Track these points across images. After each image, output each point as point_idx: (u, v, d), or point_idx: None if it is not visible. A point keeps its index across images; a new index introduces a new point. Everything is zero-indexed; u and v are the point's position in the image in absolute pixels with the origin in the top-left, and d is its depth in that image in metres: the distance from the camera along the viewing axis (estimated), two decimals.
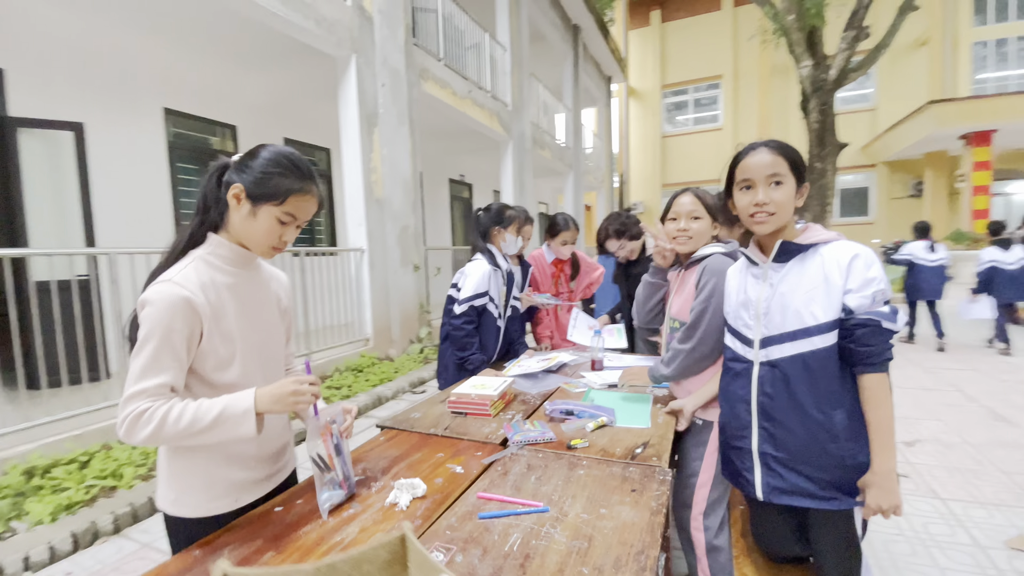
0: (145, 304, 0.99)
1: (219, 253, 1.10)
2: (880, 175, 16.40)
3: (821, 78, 10.45)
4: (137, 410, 0.95)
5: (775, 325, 1.25)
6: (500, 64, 8.52)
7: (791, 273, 1.24)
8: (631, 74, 18.42)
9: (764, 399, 1.27)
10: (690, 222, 1.67)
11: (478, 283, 2.30)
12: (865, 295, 1.14)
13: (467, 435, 1.52)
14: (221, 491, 1.11)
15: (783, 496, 1.26)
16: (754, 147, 1.26)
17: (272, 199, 1.06)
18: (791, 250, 1.24)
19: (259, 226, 1.07)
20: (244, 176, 1.06)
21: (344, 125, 5.38)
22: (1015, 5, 15.26)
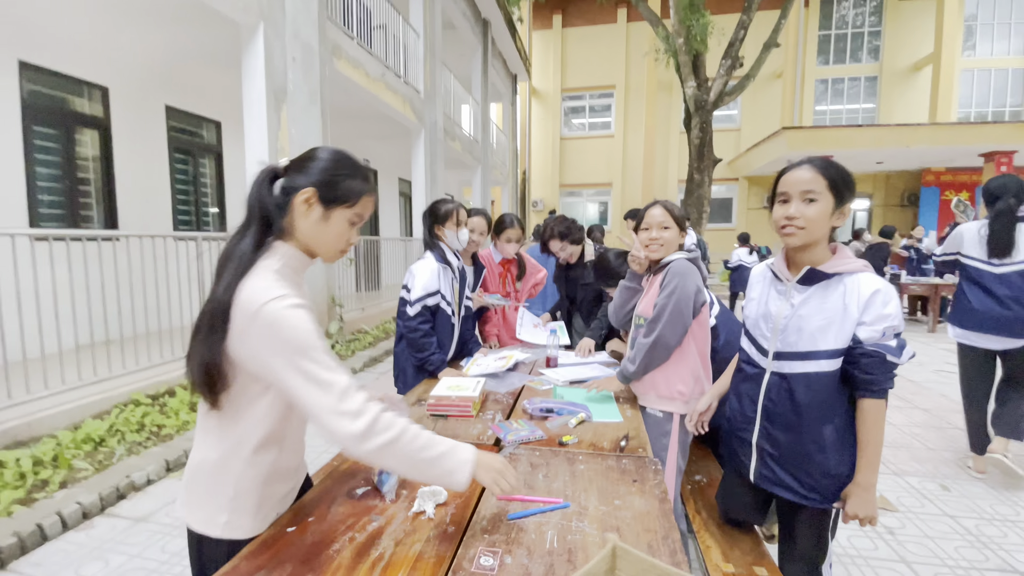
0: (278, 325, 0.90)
1: (291, 264, 1.03)
2: (741, 188, 18.71)
3: (703, 98, 11.65)
4: (376, 411, 0.91)
5: (789, 343, 1.33)
6: (413, 50, 8.27)
7: (813, 298, 1.30)
8: (534, 75, 18.90)
9: (769, 403, 1.39)
10: (660, 231, 1.83)
11: (427, 282, 2.25)
12: (876, 328, 1.22)
13: (457, 438, 1.51)
14: (268, 508, 1.06)
15: (770, 485, 1.42)
16: (800, 163, 1.29)
17: (344, 201, 1.04)
18: (816, 277, 1.30)
19: (332, 229, 1.04)
20: (311, 179, 1.01)
21: (248, 99, 4.88)
22: (848, 51, 18.29)
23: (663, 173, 18.91)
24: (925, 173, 16.70)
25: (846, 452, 1.31)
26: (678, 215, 1.85)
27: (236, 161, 6.63)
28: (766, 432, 1.41)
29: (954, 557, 2.20)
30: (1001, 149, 13.77)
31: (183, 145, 6.09)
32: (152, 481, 2.79)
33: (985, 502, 2.67)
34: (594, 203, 19.86)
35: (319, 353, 0.91)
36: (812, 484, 1.35)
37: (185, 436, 3.19)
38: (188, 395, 3.67)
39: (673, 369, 1.84)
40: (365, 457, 0.92)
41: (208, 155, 6.53)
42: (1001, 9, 17.35)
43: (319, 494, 1.19)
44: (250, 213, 1.02)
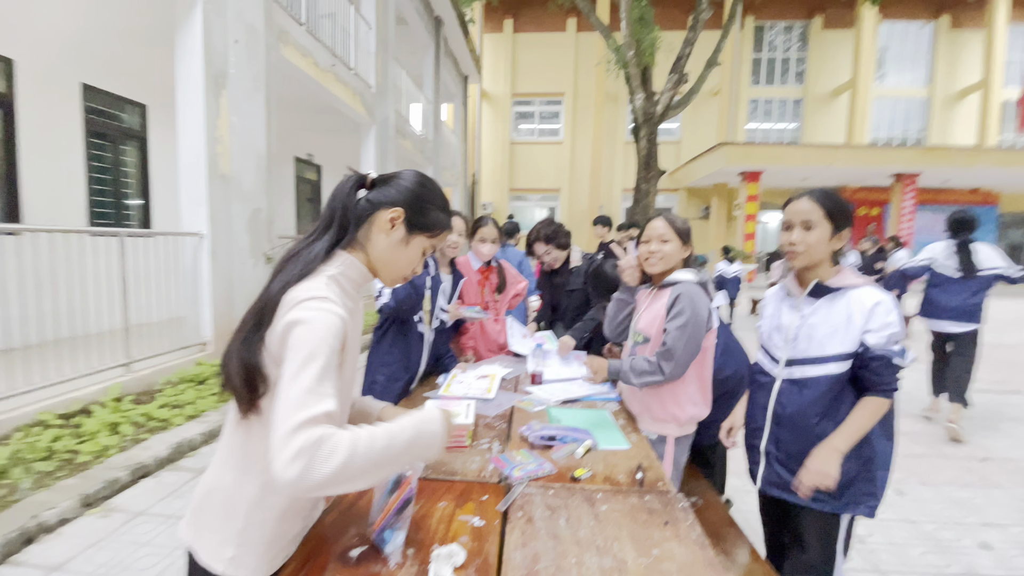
0: (302, 323, 0.83)
1: (350, 276, 0.97)
2: (681, 198, 19.53)
3: (651, 111, 11.98)
4: (311, 438, 0.74)
5: (800, 350, 1.45)
6: (364, 42, 7.90)
7: (821, 309, 1.43)
8: (484, 78, 18.78)
9: (779, 407, 1.49)
10: (660, 244, 1.75)
11: None
12: (882, 335, 1.34)
13: (457, 474, 1.35)
14: (280, 547, 0.98)
15: (773, 488, 1.50)
16: (801, 195, 1.44)
17: (429, 230, 1.02)
18: (823, 291, 1.44)
19: (407, 255, 1.02)
20: (402, 199, 0.99)
21: (182, 81, 4.41)
22: (777, 74, 19.56)
23: (609, 181, 19.37)
24: (842, 190, 18.12)
25: (851, 452, 1.38)
26: (680, 228, 1.78)
27: (164, 148, 6.01)
28: (774, 437, 1.50)
29: (921, 564, 2.28)
30: (908, 171, 15.21)
31: (102, 129, 5.45)
32: (66, 520, 2.38)
33: (936, 505, 2.80)
34: (542, 208, 20.00)
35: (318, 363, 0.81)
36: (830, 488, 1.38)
37: (106, 464, 2.77)
38: (108, 414, 3.21)
39: (669, 393, 1.77)
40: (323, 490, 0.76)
41: (131, 141, 5.89)
42: (909, 42, 19.20)
43: (303, 560, 0.99)
44: (330, 217, 0.97)
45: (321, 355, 0.81)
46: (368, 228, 0.98)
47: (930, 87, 19.16)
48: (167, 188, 6.02)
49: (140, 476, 2.79)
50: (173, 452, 3.00)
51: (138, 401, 3.57)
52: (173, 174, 4.78)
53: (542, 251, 2.72)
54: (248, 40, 4.84)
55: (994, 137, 17.65)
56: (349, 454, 0.76)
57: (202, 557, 0.94)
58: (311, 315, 0.84)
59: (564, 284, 2.81)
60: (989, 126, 17.63)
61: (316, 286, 0.89)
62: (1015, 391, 5.06)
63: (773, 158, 14.78)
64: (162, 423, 3.28)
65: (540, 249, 2.72)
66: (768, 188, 17.52)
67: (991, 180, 16.31)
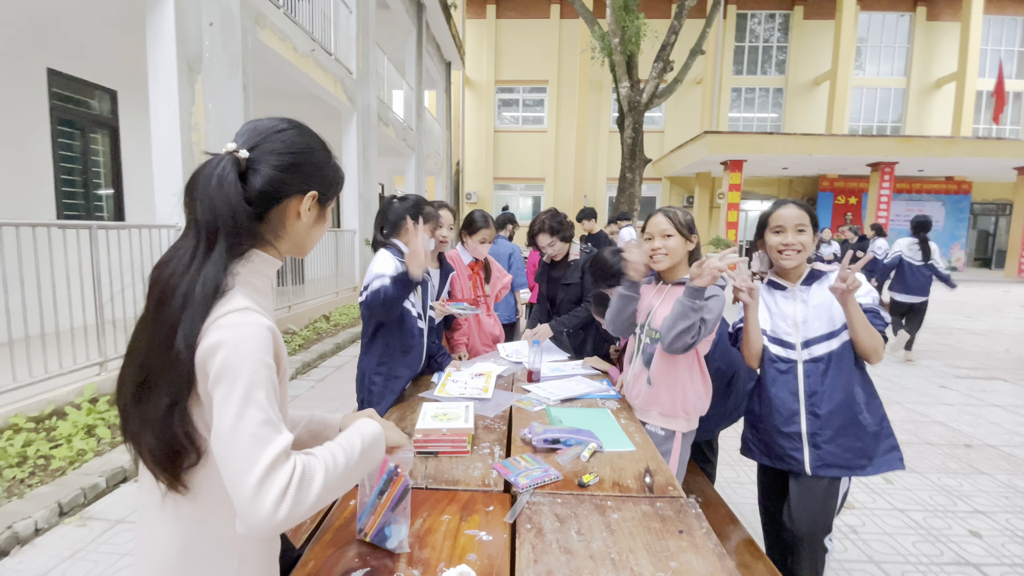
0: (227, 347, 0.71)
1: (260, 269, 0.84)
2: (664, 187, 19.59)
3: (636, 99, 11.92)
4: (296, 472, 0.71)
5: (813, 330, 1.62)
6: (344, 27, 7.66)
7: (816, 292, 1.64)
8: (467, 64, 18.48)
9: (809, 388, 1.60)
10: (664, 240, 1.71)
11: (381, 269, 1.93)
12: (867, 298, 1.60)
13: (459, 483, 1.29)
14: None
15: (829, 469, 1.57)
16: (784, 203, 1.66)
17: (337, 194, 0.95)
18: (815, 276, 1.66)
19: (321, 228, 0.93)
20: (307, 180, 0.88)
21: (154, 66, 4.20)
22: (759, 63, 19.64)
23: (593, 170, 19.31)
24: (822, 179, 18.38)
25: (874, 410, 1.60)
26: (682, 221, 1.73)
27: (136, 136, 5.76)
28: (813, 417, 1.59)
29: (915, 553, 2.30)
30: (885, 160, 15.45)
31: (70, 116, 5.18)
32: (41, 530, 2.27)
33: (924, 493, 2.85)
34: (527, 197, 19.88)
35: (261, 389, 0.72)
36: (861, 448, 1.57)
37: (83, 470, 2.65)
38: (83, 416, 3.08)
39: (680, 385, 1.74)
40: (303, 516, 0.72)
41: (101, 129, 5.62)
42: (887, 33, 19.43)
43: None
44: (209, 227, 0.77)
45: (260, 380, 0.73)
46: (277, 221, 0.85)
47: (907, 77, 19.44)
48: (141, 178, 5.78)
49: (119, 481, 2.67)
50: None
51: (114, 402, 3.42)
52: (147, 163, 4.58)
53: (546, 243, 2.66)
54: (223, 23, 4.64)
55: (968, 127, 18.01)
56: (324, 476, 0.74)
57: None
58: (233, 335, 0.73)
59: (562, 278, 2.75)
60: (964, 116, 17.97)
61: (229, 298, 0.76)
62: (992, 377, 5.19)
63: (755, 147, 14.87)
64: None
65: (544, 240, 2.66)
66: (750, 177, 17.68)
67: (964, 169, 16.68)
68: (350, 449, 0.82)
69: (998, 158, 14.76)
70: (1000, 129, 18.98)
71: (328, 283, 7.39)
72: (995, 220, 19.38)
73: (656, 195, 19.66)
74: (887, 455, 1.60)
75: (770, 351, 1.68)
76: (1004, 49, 18.99)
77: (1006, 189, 18.32)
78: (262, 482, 0.68)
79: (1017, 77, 19.10)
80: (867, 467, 1.58)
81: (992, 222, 19.44)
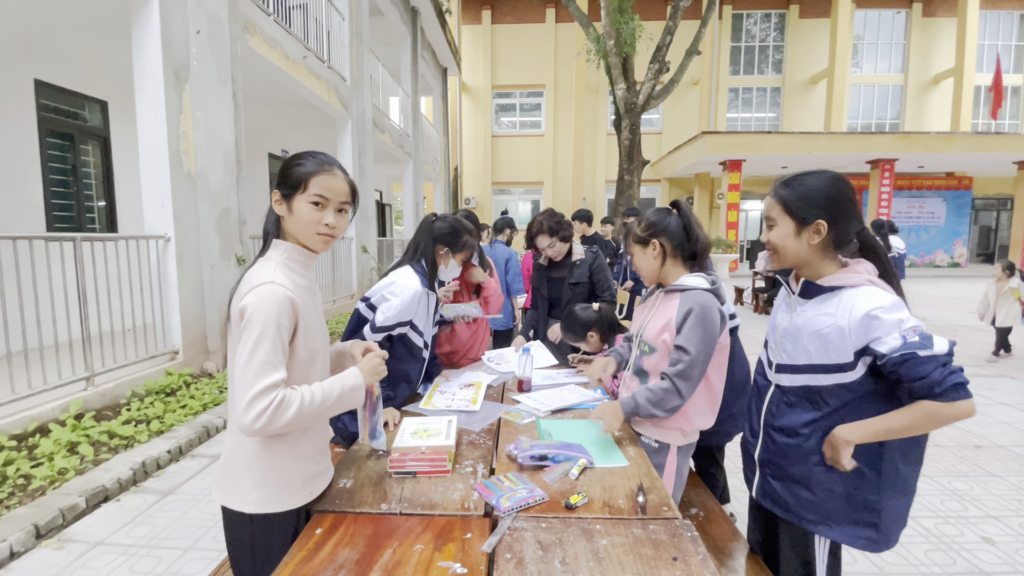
0: (253, 306, 1.06)
1: (294, 257, 1.19)
2: (663, 188, 19.51)
3: (632, 101, 11.86)
4: (276, 400, 1.03)
5: (787, 355, 1.32)
6: (337, 33, 7.62)
7: (810, 311, 1.27)
8: (464, 70, 18.47)
9: (769, 416, 1.38)
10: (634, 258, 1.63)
11: (403, 309, 1.81)
12: (894, 336, 1.11)
13: (436, 508, 1.20)
14: (298, 485, 1.18)
15: (767, 500, 1.40)
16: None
17: (296, 188, 1.15)
18: (812, 290, 1.27)
19: (299, 217, 1.16)
20: (278, 183, 1.18)
21: (140, 75, 4.15)
22: (756, 63, 19.60)
23: (592, 173, 19.25)
24: None
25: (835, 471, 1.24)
26: (638, 233, 1.65)
27: (128, 147, 5.71)
28: (766, 445, 1.39)
29: (927, 563, 2.20)
30: (885, 157, 15.36)
31: (60, 128, 5.13)
32: (17, 554, 2.18)
33: (935, 498, 2.74)
34: (526, 201, 19.82)
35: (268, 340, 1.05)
36: (814, 504, 1.28)
37: (63, 490, 2.57)
38: (67, 433, 3.00)
39: None
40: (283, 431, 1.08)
41: (92, 140, 5.57)
42: (883, 30, 19.38)
43: None
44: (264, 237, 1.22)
45: (270, 332, 1.05)
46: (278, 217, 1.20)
47: (904, 74, 19.37)
48: (133, 189, 5.72)
49: (100, 501, 2.59)
50: (137, 473, 2.80)
51: (101, 417, 3.35)
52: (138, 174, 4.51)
53: (546, 244, 2.59)
54: (211, 31, 4.58)
55: (967, 122, 17.91)
56: (298, 408, 1.06)
57: (233, 506, 1.14)
58: (257, 299, 1.06)
59: (566, 278, 2.68)
60: (962, 112, 17.87)
61: (262, 272, 1.11)
62: (1000, 375, 5.08)
63: (753, 147, 14.80)
64: (125, 441, 3.07)
65: (544, 242, 2.59)
66: (749, 176, 17.59)
67: (965, 165, 16.56)
68: (329, 392, 1.12)
69: (998, 153, 14.65)
70: (999, 124, 18.87)
71: (325, 292, 7.32)
72: (996, 215, 19.24)
73: (656, 196, 19.59)
74: (838, 522, 1.26)
75: (760, 358, 1.49)
76: (1001, 44, 18.92)
77: (1007, 184, 18.20)
78: (251, 402, 1.01)
79: (1015, 71, 19.01)
80: (819, 526, 1.28)
81: (993, 217, 19.30)
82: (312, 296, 1.21)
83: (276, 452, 1.14)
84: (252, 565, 1.16)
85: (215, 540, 2.31)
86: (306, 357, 1.15)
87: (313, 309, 1.19)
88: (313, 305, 1.20)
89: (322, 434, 1.26)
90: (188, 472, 2.95)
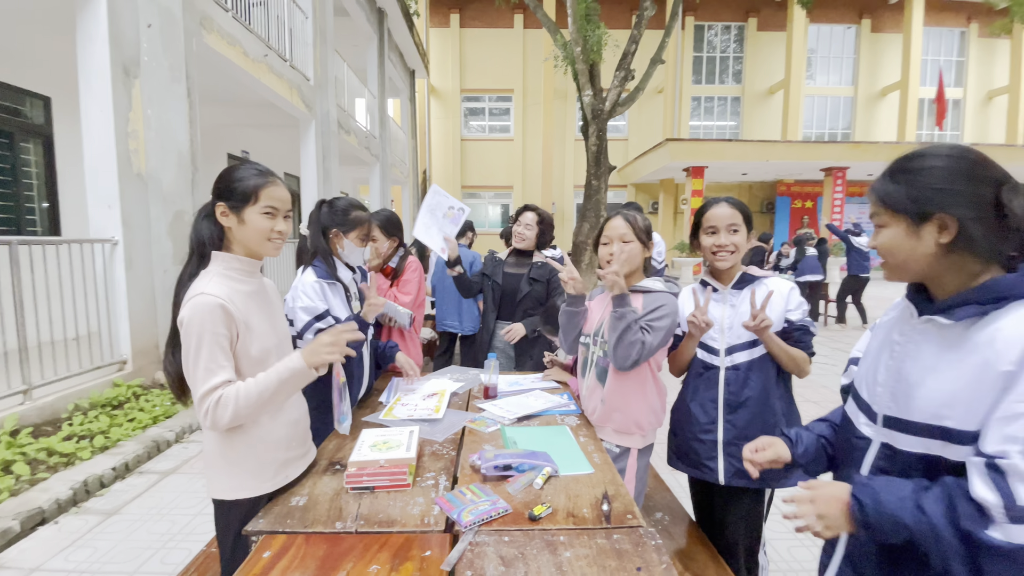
0: (187, 318, 1.15)
1: (234, 267, 1.26)
2: (630, 194, 19.85)
3: (599, 107, 12.00)
4: (212, 400, 1.13)
5: (737, 336, 1.55)
6: (300, 32, 7.44)
7: (745, 298, 1.55)
8: (432, 73, 18.35)
9: (730, 396, 1.55)
10: (623, 245, 1.62)
11: (309, 302, 1.79)
12: (798, 312, 1.55)
13: (395, 524, 1.15)
14: (271, 472, 1.28)
15: (742, 479, 1.52)
16: (717, 201, 1.57)
17: (246, 200, 1.23)
18: (748, 280, 1.58)
19: (251, 227, 1.24)
20: (222, 196, 1.24)
21: (86, 70, 3.94)
22: (717, 73, 20.20)
23: (561, 177, 19.41)
24: (779, 184, 18.98)
25: (793, 418, 1.57)
26: (641, 226, 1.66)
27: (73, 146, 5.40)
28: (730, 427, 1.54)
29: None
30: (838, 165, 16.05)
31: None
32: None
33: None
34: (496, 205, 19.80)
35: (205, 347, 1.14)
36: None
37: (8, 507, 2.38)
38: (2, 451, 2.78)
39: (633, 401, 1.66)
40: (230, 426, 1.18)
41: (34, 138, 5.25)
42: (835, 44, 20.30)
43: None
44: (191, 249, 1.27)
45: (206, 340, 1.14)
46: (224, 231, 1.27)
47: (855, 86, 20.32)
48: (79, 190, 5.41)
49: (36, 524, 2.41)
50: (78, 492, 2.62)
51: (39, 433, 3.13)
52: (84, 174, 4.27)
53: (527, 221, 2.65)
54: (163, 25, 4.39)
55: (912, 133, 18.91)
56: (235, 403, 1.14)
57: (215, 495, 1.26)
58: (189, 312, 1.15)
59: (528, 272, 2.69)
60: (908, 123, 18.86)
61: (196, 285, 1.20)
62: None
63: (715, 154, 15.22)
64: (66, 459, 2.87)
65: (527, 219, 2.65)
66: (711, 183, 18.09)
67: None
68: (267, 380, 1.18)
69: None
70: (942, 135, 19.99)
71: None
72: None
73: (622, 201, 19.88)
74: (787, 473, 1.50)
75: (695, 356, 1.62)
76: (943, 59, 20.08)
77: None
78: (198, 402, 1.15)
79: (956, 85, 20.19)
80: (784, 480, 1.51)
81: None
82: (259, 299, 1.29)
83: (242, 442, 1.24)
84: (237, 552, 1.24)
85: (163, 563, 2.18)
86: (256, 355, 1.23)
87: (259, 311, 1.27)
88: (259, 307, 1.28)
89: (296, 421, 1.35)
90: (135, 490, 2.78)
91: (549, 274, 2.68)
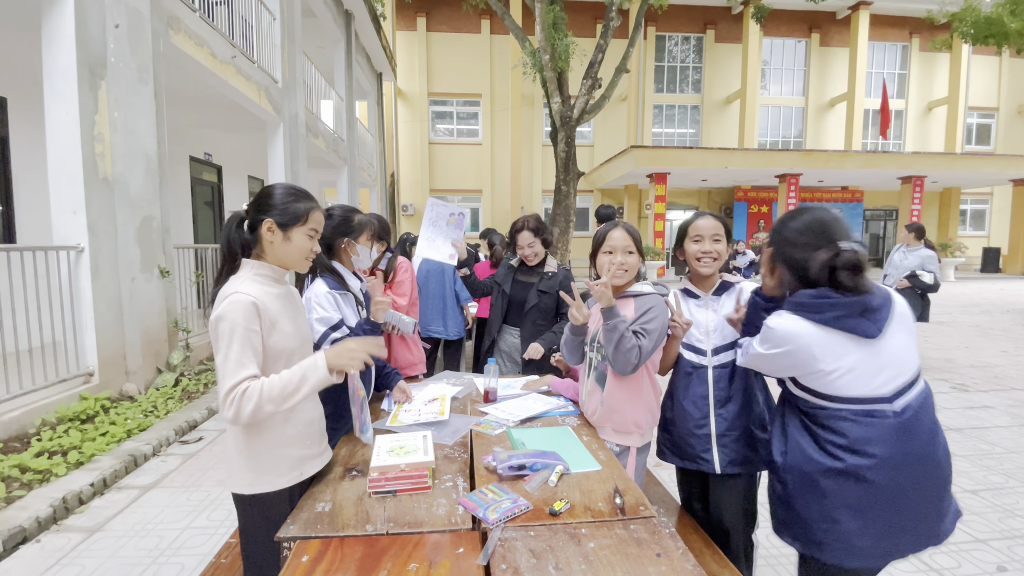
0: (222, 314, 1.22)
1: (263, 272, 1.35)
2: (596, 199, 20.22)
3: (567, 114, 12.24)
4: (239, 392, 1.19)
5: (721, 337, 1.71)
6: (268, 34, 7.30)
7: (725, 303, 1.73)
8: (399, 76, 18.20)
9: (719, 392, 1.69)
10: (626, 256, 1.72)
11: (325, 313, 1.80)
12: None
13: (423, 525, 1.21)
14: (286, 467, 1.35)
15: (736, 467, 1.67)
16: (703, 214, 1.76)
17: (297, 221, 1.34)
18: (725, 287, 1.76)
19: (295, 245, 1.36)
20: (268, 212, 1.33)
21: (50, 71, 3.78)
22: (677, 82, 20.87)
23: (529, 182, 19.59)
24: (737, 190, 19.77)
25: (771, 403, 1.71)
26: (639, 238, 1.78)
27: (30, 149, 5.15)
28: (721, 420, 1.68)
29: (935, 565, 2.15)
30: (791, 172, 16.86)
31: None
32: None
33: None
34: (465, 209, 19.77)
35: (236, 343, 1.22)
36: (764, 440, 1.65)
37: None
38: None
39: (631, 403, 1.76)
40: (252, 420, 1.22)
41: None
42: (787, 57, 21.31)
43: None
44: (222, 253, 1.35)
45: (237, 335, 1.22)
46: (260, 243, 1.34)
47: (805, 97, 21.40)
48: (37, 195, 5.15)
49: (18, 543, 2.31)
50: (57, 510, 2.53)
51: (8, 450, 2.99)
52: (43, 178, 4.09)
53: (527, 241, 2.63)
54: (131, 25, 4.26)
55: (859, 142, 20.07)
56: (258, 398, 1.20)
57: (234, 489, 1.33)
58: (223, 309, 1.23)
59: (537, 283, 2.72)
60: (854, 132, 20.02)
61: (230, 285, 1.29)
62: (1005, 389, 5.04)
63: (677, 160, 15.72)
64: (40, 475, 2.76)
65: (525, 239, 2.63)
66: (673, 188, 18.66)
67: (857, 180, 18.54)
68: (291, 376, 1.25)
69: (885, 169, 16.54)
70: (886, 144, 21.29)
71: None
72: (884, 224, 21.66)
73: (589, 206, 20.24)
74: None
75: (684, 357, 1.75)
76: (887, 72, 21.38)
77: (892, 197, 20.56)
78: (224, 396, 1.19)
79: (898, 96, 21.53)
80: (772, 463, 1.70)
81: (881, 226, 21.71)
82: (285, 302, 1.39)
83: (259, 439, 1.31)
84: (256, 544, 1.33)
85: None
86: (276, 354, 1.31)
87: (285, 313, 1.36)
88: (285, 309, 1.37)
89: (310, 422, 1.42)
90: (116, 506, 2.70)
91: (558, 286, 2.75)
